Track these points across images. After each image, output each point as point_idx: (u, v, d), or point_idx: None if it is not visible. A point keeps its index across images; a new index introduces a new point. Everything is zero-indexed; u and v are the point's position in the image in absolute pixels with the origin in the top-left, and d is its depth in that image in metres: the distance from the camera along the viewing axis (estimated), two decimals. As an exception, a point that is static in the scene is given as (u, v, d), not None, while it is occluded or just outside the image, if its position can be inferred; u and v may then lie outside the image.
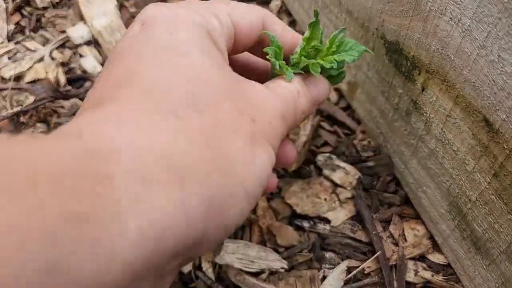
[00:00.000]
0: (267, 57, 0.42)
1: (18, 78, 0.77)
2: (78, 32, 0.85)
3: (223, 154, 0.30)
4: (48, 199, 0.20)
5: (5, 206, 0.19)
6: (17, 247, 0.19)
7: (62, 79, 0.77)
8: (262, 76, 0.46)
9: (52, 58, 0.81)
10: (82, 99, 0.74)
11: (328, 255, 0.57)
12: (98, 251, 0.21)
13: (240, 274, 0.54)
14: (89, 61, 0.81)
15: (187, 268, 0.56)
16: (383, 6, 0.52)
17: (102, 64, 0.81)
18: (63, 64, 0.80)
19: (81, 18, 0.88)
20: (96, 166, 0.23)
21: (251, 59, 0.49)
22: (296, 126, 0.42)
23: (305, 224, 0.59)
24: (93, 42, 0.84)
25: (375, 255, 0.56)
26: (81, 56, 0.82)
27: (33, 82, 0.77)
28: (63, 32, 0.86)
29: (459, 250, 0.51)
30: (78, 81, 0.78)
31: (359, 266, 0.56)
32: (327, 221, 0.59)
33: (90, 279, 0.21)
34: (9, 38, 0.84)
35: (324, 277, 0.55)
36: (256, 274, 0.55)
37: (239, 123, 0.32)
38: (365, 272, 0.55)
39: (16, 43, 0.83)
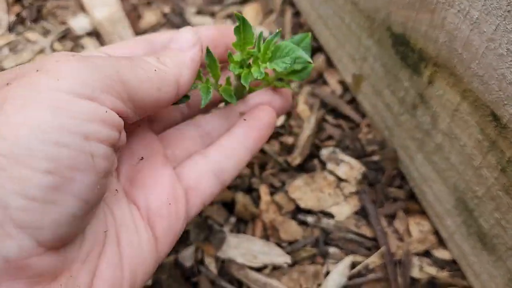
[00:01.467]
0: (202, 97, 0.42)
1: (19, 70, 0.77)
2: (79, 23, 0.84)
3: None
4: None
5: None
6: None
7: (64, 71, 0.76)
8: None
9: (53, 50, 0.80)
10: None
11: (332, 250, 0.56)
12: None
13: (243, 269, 0.54)
14: (90, 52, 0.80)
15: (189, 262, 0.55)
16: (390, -3, 0.51)
17: (104, 56, 0.80)
18: (64, 56, 0.79)
19: (82, 9, 0.87)
20: None
21: None
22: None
23: (309, 219, 0.58)
24: (94, 33, 0.83)
25: (380, 251, 0.55)
26: (82, 47, 0.82)
27: (35, 74, 0.76)
28: (64, 23, 0.85)
29: (465, 246, 0.51)
30: (80, 73, 0.78)
31: (363, 261, 0.55)
32: (331, 216, 0.59)
33: None
34: (10, 29, 0.83)
35: (327, 272, 0.55)
36: (259, 269, 0.55)
37: None
38: (369, 267, 0.55)
39: (17, 34, 0.83)
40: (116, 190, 0.38)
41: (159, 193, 0.39)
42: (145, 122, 0.44)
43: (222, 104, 0.50)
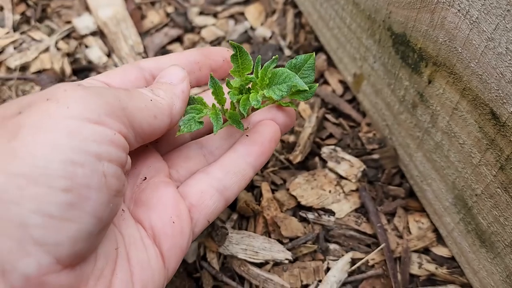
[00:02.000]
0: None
1: (23, 68, 0.77)
2: (83, 23, 0.85)
3: None
4: None
5: None
6: None
7: (68, 69, 0.77)
8: None
9: (58, 49, 0.81)
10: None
11: (332, 246, 0.57)
12: None
13: (244, 264, 0.55)
14: (94, 52, 0.81)
15: (192, 258, 0.56)
16: (390, -2, 0.52)
17: (108, 55, 0.81)
18: (68, 55, 0.80)
19: (87, 8, 0.88)
20: None
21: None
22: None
23: (310, 216, 0.59)
24: (98, 33, 0.84)
25: (380, 247, 0.56)
26: (86, 46, 0.82)
27: (39, 72, 0.77)
28: (69, 22, 0.86)
29: (464, 243, 0.51)
30: (83, 71, 0.78)
31: (363, 258, 0.56)
32: (331, 213, 0.59)
33: None
34: (15, 28, 0.84)
35: (328, 269, 0.55)
36: (260, 265, 0.55)
37: None
38: (369, 264, 0.56)
39: (22, 33, 0.83)
40: (123, 210, 0.40)
41: (163, 212, 0.40)
42: (148, 146, 0.45)
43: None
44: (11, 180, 0.28)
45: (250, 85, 0.45)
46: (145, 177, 0.42)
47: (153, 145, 0.46)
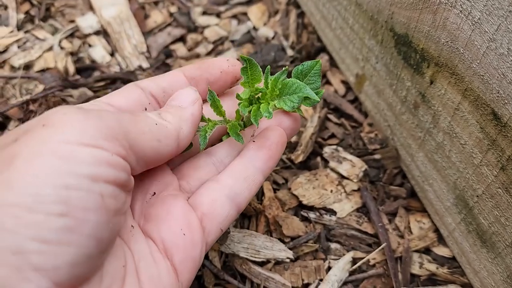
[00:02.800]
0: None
1: (27, 67, 0.78)
2: (87, 22, 0.85)
3: None
4: None
5: None
6: None
7: (71, 68, 0.77)
8: None
9: (61, 48, 0.81)
10: (90, 88, 0.75)
11: (333, 246, 0.57)
12: None
13: (246, 263, 0.55)
14: (97, 51, 0.81)
15: (194, 256, 0.56)
16: (393, -2, 0.52)
17: (111, 54, 0.81)
18: (72, 54, 0.80)
19: (90, 8, 0.88)
20: None
21: None
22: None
23: (311, 215, 0.59)
24: (102, 32, 0.85)
25: (381, 247, 0.56)
26: (89, 45, 0.83)
27: (42, 71, 0.77)
28: (72, 21, 0.86)
29: (465, 243, 0.52)
30: (87, 70, 0.79)
31: (364, 257, 0.56)
32: (333, 212, 0.60)
33: None
34: (19, 27, 0.84)
35: (329, 268, 0.56)
36: (261, 264, 0.55)
37: None
38: (370, 263, 0.56)
39: (26, 32, 0.84)
40: (132, 226, 0.39)
41: (172, 225, 0.40)
42: None
43: None
44: (6, 211, 0.28)
45: (259, 95, 0.45)
46: (154, 192, 0.42)
47: None
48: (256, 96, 0.45)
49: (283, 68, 0.44)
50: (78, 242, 0.30)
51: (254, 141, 0.46)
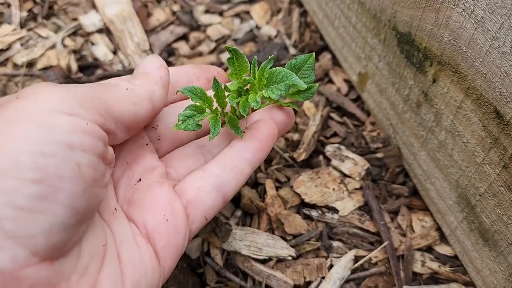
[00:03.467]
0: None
1: (30, 64, 0.78)
2: (90, 20, 0.85)
3: None
4: None
5: None
6: None
7: (74, 66, 0.78)
8: None
9: (64, 46, 0.81)
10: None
11: (335, 244, 0.57)
12: None
13: (248, 261, 0.55)
14: (100, 49, 0.81)
15: (196, 254, 0.56)
16: (396, -3, 0.52)
17: (114, 52, 0.81)
18: (74, 52, 0.81)
19: (93, 6, 0.89)
20: None
21: None
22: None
23: (313, 213, 0.59)
24: (105, 30, 0.85)
25: (383, 245, 0.56)
26: (92, 43, 0.83)
27: (45, 69, 0.77)
28: (75, 19, 0.86)
29: (467, 241, 0.52)
30: (89, 68, 0.79)
31: (366, 255, 0.56)
32: (335, 210, 0.60)
33: None
34: (22, 25, 0.85)
35: (331, 266, 0.56)
36: (263, 261, 0.56)
37: None
38: (372, 261, 0.56)
39: (29, 30, 0.84)
40: (115, 209, 0.39)
41: (156, 211, 0.40)
42: (146, 146, 0.45)
43: None
44: None
45: (248, 87, 0.45)
46: (140, 179, 0.42)
47: (153, 146, 0.46)
48: (245, 88, 0.45)
49: (269, 57, 0.44)
50: (52, 211, 0.30)
51: (244, 132, 0.46)
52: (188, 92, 0.43)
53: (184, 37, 0.85)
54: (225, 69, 0.51)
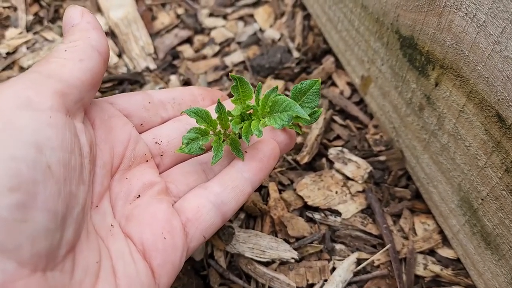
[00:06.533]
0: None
1: (36, 67, 0.79)
2: (95, 23, 0.86)
3: None
4: None
5: None
6: None
7: (79, 69, 0.78)
8: None
9: (70, 49, 0.82)
10: (98, 89, 0.76)
11: (338, 247, 0.58)
12: None
13: (251, 263, 0.55)
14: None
15: (199, 256, 0.57)
16: (398, 1, 0.53)
17: (119, 55, 0.82)
18: (80, 55, 0.81)
19: (98, 9, 0.89)
20: None
21: None
22: None
23: (316, 216, 0.60)
24: (110, 33, 0.85)
25: (385, 248, 0.56)
26: (97, 47, 0.83)
27: (51, 72, 0.78)
28: (81, 23, 0.87)
29: (469, 245, 0.52)
30: (95, 71, 0.80)
31: (369, 258, 0.56)
32: (338, 213, 0.60)
33: None
34: (28, 29, 0.85)
35: (333, 268, 0.56)
36: (266, 264, 0.56)
37: None
38: (375, 264, 0.56)
39: (35, 33, 0.85)
40: (112, 225, 0.39)
41: (154, 228, 0.40)
42: (147, 162, 0.45)
43: None
44: None
45: (251, 111, 0.46)
46: (139, 195, 0.42)
47: (154, 161, 0.46)
48: (248, 112, 0.45)
49: (273, 87, 0.44)
50: (33, 218, 0.29)
51: (246, 152, 0.46)
52: (193, 114, 0.43)
53: (188, 40, 0.86)
54: (229, 95, 0.51)
